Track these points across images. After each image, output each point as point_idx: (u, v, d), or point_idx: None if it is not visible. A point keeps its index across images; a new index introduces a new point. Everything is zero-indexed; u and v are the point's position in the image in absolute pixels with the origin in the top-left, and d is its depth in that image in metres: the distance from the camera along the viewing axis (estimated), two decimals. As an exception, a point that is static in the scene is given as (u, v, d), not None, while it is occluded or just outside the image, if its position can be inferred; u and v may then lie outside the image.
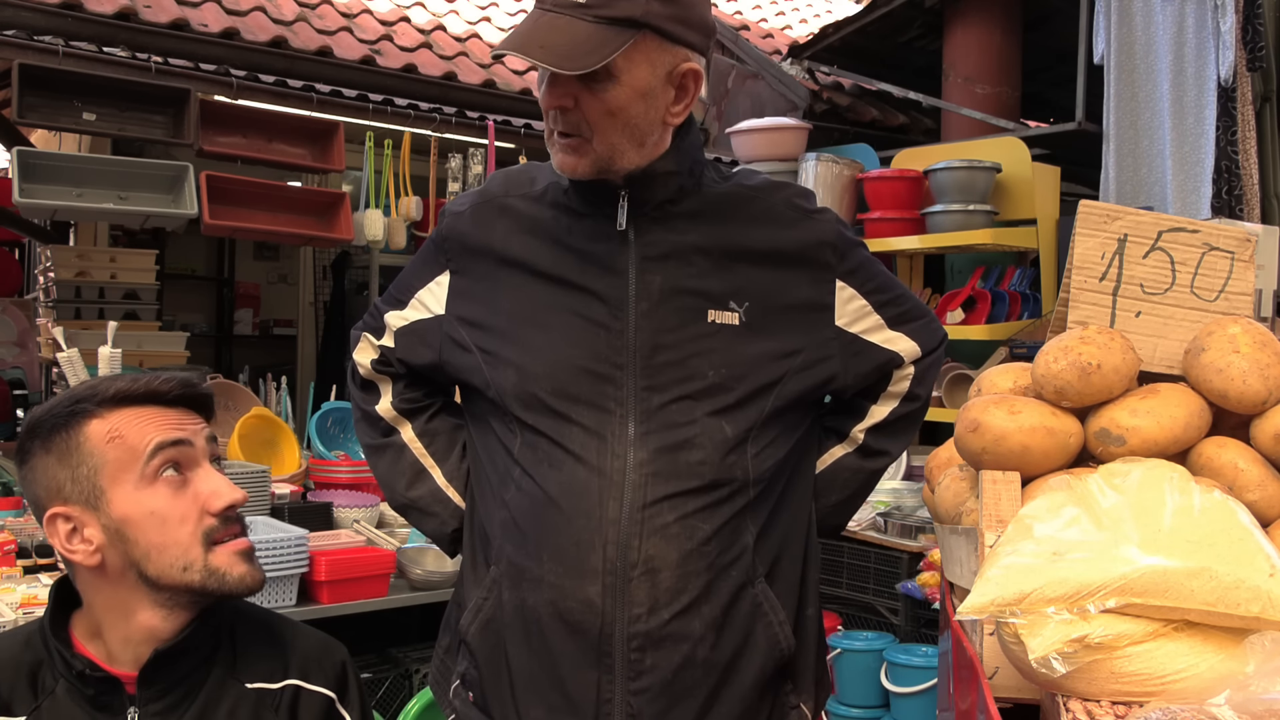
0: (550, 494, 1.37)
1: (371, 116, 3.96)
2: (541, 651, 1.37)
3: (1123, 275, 1.24)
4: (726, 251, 1.44)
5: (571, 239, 1.43)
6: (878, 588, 3.54)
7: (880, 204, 4.25)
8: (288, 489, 3.28)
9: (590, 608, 1.34)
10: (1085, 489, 1.01)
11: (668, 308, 1.40)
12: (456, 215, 1.52)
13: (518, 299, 1.44)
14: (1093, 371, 1.12)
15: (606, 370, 1.38)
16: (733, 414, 1.39)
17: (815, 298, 1.47)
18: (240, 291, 6.82)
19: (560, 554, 1.36)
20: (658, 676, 1.34)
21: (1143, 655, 0.92)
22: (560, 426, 1.38)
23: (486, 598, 1.43)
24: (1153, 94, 3.88)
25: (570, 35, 1.28)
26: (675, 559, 1.34)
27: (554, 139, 1.38)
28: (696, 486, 1.36)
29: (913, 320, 1.53)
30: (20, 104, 3.29)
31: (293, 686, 1.32)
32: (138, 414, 1.26)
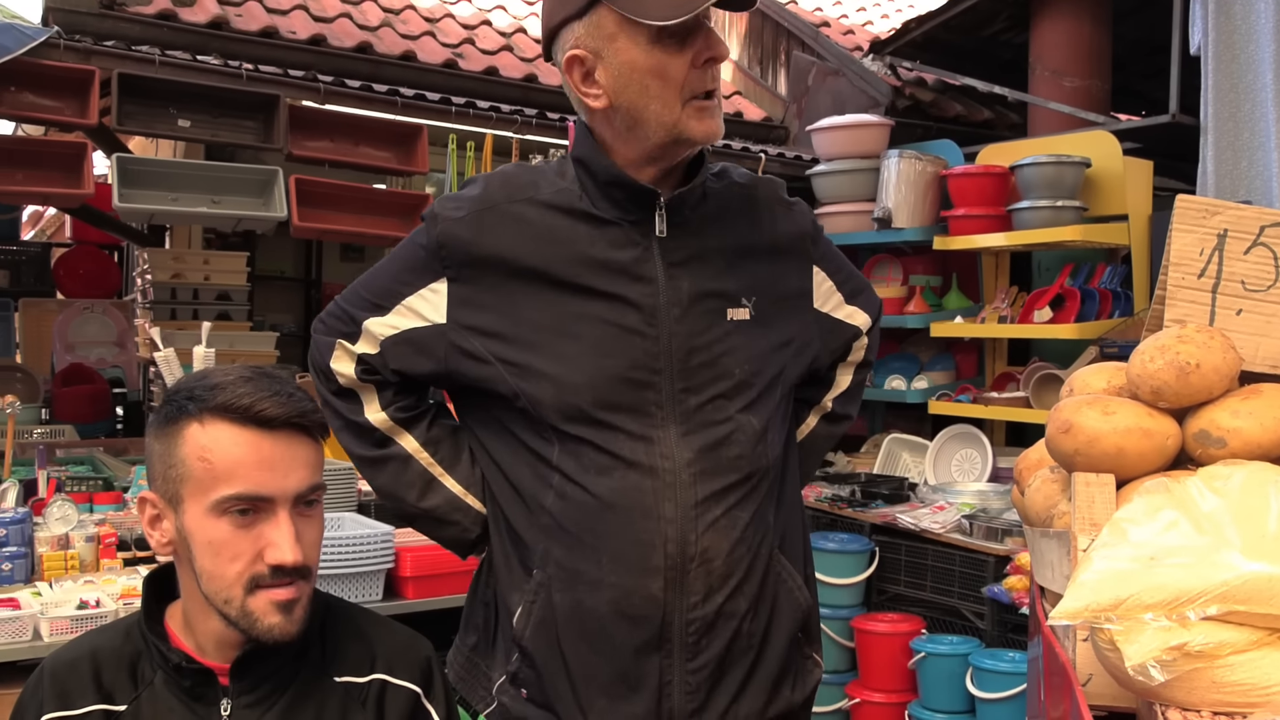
0: (604, 499, 1.41)
1: (454, 119, 4.02)
2: (601, 646, 1.43)
3: (1223, 272, 1.20)
4: (736, 250, 1.49)
5: (594, 248, 1.43)
6: (963, 591, 3.48)
7: (965, 201, 4.18)
8: (374, 486, 3.35)
9: (653, 601, 1.41)
10: (1184, 492, 0.98)
11: (696, 311, 1.44)
12: (454, 222, 1.46)
13: (541, 309, 1.43)
14: (1192, 371, 1.09)
15: (645, 376, 1.42)
16: (757, 407, 1.47)
17: (800, 285, 1.56)
18: (327, 292, 6.97)
19: (621, 555, 1.41)
20: (713, 654, 1.43)
21: (1246, 664, 0.89)
22: (605, 434, 1.41)
23: (535, 600, 1.46)
24: (1254, 85, 3.74)
25: None
26: (726, 549, 1.43)
27: (691, 106, 1.37)
28: (736, 480, 1.44)
29: (861, 292, 1.66)
30: (119, 112, 3.41)
31: (379, 681, 1.34)
32: (235, 438, 1.23)
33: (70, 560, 2.64)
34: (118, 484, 3.23)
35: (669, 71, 1.35)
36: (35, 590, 2.50)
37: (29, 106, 3.43)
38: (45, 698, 1.28)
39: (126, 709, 1.27)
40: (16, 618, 2.32)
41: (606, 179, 1.44)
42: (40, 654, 2.28)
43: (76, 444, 4.00)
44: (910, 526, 3.62)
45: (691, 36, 1.35)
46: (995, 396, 4.12)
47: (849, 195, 4.52)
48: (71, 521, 2.75)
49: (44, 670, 1.31)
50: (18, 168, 3.40)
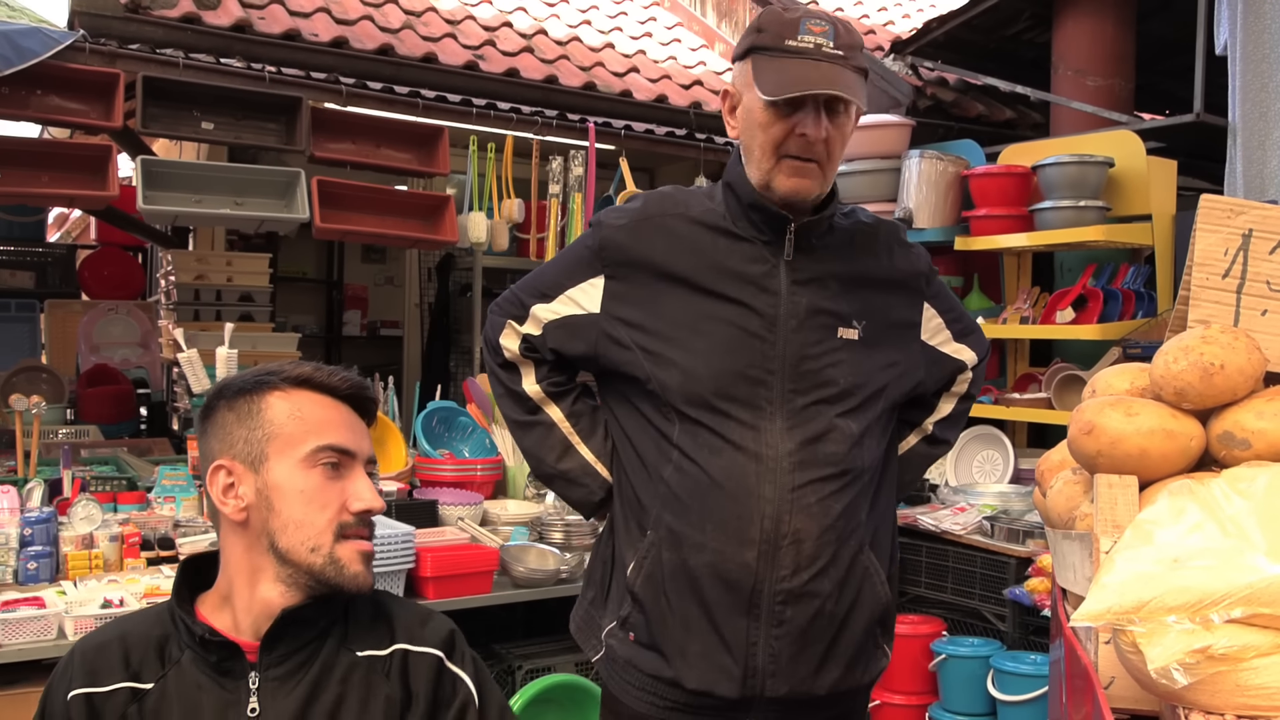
0: (713, 475, 1.62)
1: (475, 120, 4.03)
2: (701, 602, 1.64)
3: (1247, 272, 1.19)
4: (853, 278, 1.71)
5: (730, 260, 1.67)
6: (984, 593, 3.46)
7: (986, 201, 4.15)
8: (394, 486, 3.36)
9: (746, 569, 1.61)
10: (1208, 494, 0.97)
11: (810, 325, 1.66)
12: (616, 228, 1.73)
13: (678, 308, 1.67)
14: (1215, 372, 1.08)
15: (760, 375, 1.64)
16: (856, 415, 1.67)
17: (909, 318, 1.78)
18: (349, 293, 7.00)
19: (723, 525, 1.62)
20: (795, 625, 1.63)
21: (1270, 667, 0.88)
22: (720, 420, 1.63)
23: (646, 556, 1.69)
24: (1283, 84, 3.70)
25: (847, 78, 1.57)
26: (816, 532, 1.62)
27: (782, 166, 1.61)
28: (831, 474, 1.64)
29: (970, 334, 1.87)
30: (144, 115, 3.44)
31: (400, 650, 1.39)
32: (318, 401, 1.38)
33: (94, 559, 2.66)
34: (141, 484, 3.25)
35: (770, 130, 1.61)
36: (60, 589, 2.53)
37: (55, 109, 3.47)
38: (74, 675, 1.33)
39: (153, 686, 1.31)
40: (41, 616, 2.34)
41: (749, 202, 1.67)
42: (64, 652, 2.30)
43: (101, 444, 4.04)
44: (931, 528, 3.60)
45: (800, 110, 1.58)
46: (1017, 397, 4.09)
47: (870, 196, 4.50)
48: (96, 521, 2.77)
49: (74, 652, 1.37)
50: (43, 170, 3.43)
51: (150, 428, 4.63)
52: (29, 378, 4.47)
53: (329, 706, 1.32)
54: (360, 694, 1.34)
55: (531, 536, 3.26)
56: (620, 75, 5.04)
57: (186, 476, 3.07)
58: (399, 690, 1.36)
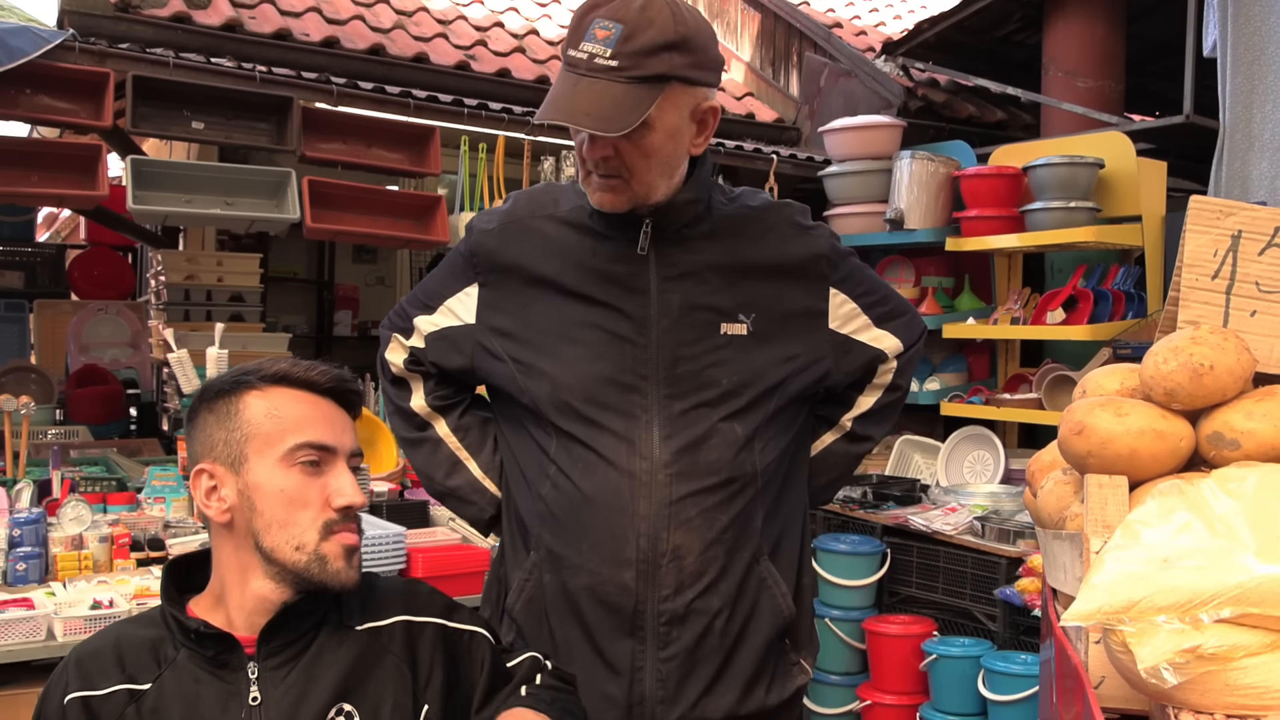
0: (586, 492, 1.55)
1: (466, 120, 4.03)
2: (582, 625, 1.57)
3: (1237, 273, 1.19)
4: (735, 268, 1.59)
5: (596, 260, 1.58)
6: (975, 593, 3.47)
7: (977, 202, 4.16)
8: (386, 487, 3.36)
9: (625, 590, 1.54)
10: (1198, 494, 0.98)
11: (686, 323, 1.56)
12: (485, 233, 1.65)
13: (547, 314, 1.59)
14: (1205, 373, 1.08)
15: (632, 381, 1.55)
16: (743, 416, 1.57)
17: (811, 305, 1.64)
18: (339, 294, 6.98)
19: (598, 546, 1.54)
20: (683, 645, 1.55)
21: (1260, 667, 0.89)
22: (592, 432, 1.55)
23: (528, 579, 1.62)
24: (1275, 86, 3.72)
25: (609, 98, 1.42)
26: (699, 547, 1.54)
27: (591, 179, 1.53)
28: (714, 483, 1.55)
29: (896, 318, 1.72)
30: (134, 114, 3.42)
31: (402, 622, 1.39)
32: (296, 398, 1.36)
33: (84, 560, 2.65)
34: (131, 484, 3.24)
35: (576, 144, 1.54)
36: (49, 590, 2.52)
37: (44, 109, 3.45)
38: (70, 680, 1.33)
39: (150, 686, 1.31)
40: (30, 618, 2.33)
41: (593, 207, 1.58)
42: (54, 654, 2.29)
43: (90, 445, 4.02)
44: (922, 528, 3.61)
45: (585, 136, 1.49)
46: (1007, 398, 4.11)
47: (861, 196, 4.51)
48: (85, 522, 2.76)
49: (69, 658, 1.36)
50: (33, 170, 3.42)
51: (140, 428, 4.62)
52: (18, 378, 4.45)
53: (334, 682, 1.32)
54: (366, 664, 1.35)
55: (523, 537, 3.25)
56: (612, 76, 5.04)
57: (176, 477, 3.06)
58: (406, 660, 1.37)
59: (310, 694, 1.31)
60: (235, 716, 1.29)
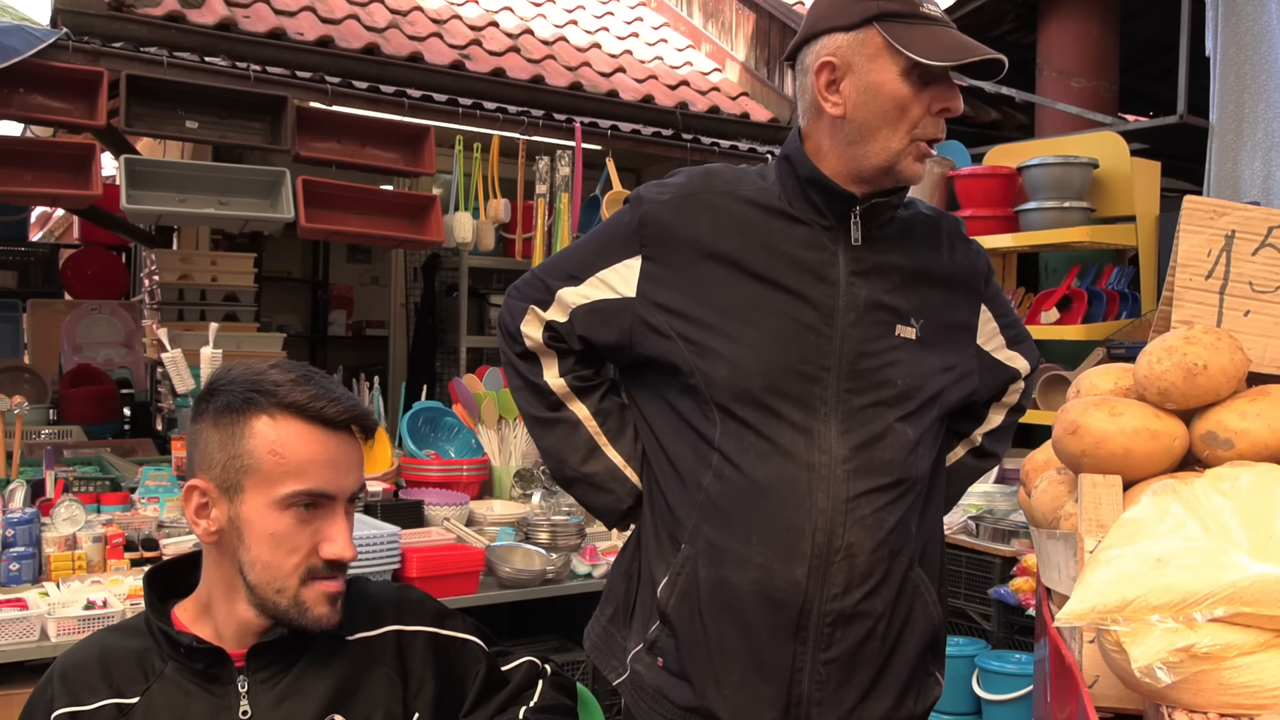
0: (760, 482, 1.47)
1: (461, 120, 4.02)
2: (741, 624, 1.49)
3: (1230, 273, 1.19)
4: (913, 272, 1.56)
5: (785, 244, 1.52)
6: (969, 593, 3.47)
7: (972, 202, 4.17)
8: (380, 487, 3.35)
9: (795, 587, 1.47)
10: (1191, 493, 0.98)
11: (869, 320, 1.52)
12: (658, 204, 1.56)
13: (725, 293, 1.51)
14: (1199, 373, 1.09)
15: (815, 372, 1.49)
16: (913, 419, 1.53)
17: (967, 319, 1.63)
18: (334, 293, 6.98)
19: (771, 538, 1.47)
20: (845, 648, 1.49)
21: (1253, 666, 0.89)
22: (769, 420, 1.48)
23: (680, 572, 1.53)
24: (1267, 85, 3.73)
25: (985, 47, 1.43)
26: (870, 546, 1.48)
27: (916, 146, 1.47)
28: (888, 483, 1.50)
29: (1023, 341, 1.73)
30: (127, 113, 3.42)
31: (393, 632, 1.38)
32: (305, 436, 1.28)
33: (77, 560, 2.64)
34: (125, 484, 3.24)
35: (909, 106, 1.45)
36: (42, 590, 2.51)
37: (37, 108, 3.44)
38: (55, 695, 1.30)
39: (138, 700, 1.29)
40: (24, 618, 2.33)
41: (807, 177, 1.52)
42: (48, 654, 2.29)
43: (84, 444, 4.01)
44: (918, 528, 3.61)
45: (937, 83, 1.45)
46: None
47: (856, 196, 4.50)
48: (79, 522, 2.75)
49: (53, 671, 1.33)
50: (26, 169, 3.41)
51: (134, 428, 4.61)
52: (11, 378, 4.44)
53: (325, 693, 1.31)
54: (357, 675, 1.34)
55: (518, 537, 3.25)
56: (606, 75, 5.04)
57: (170, 477, 3.05)
58: (397, 670, 1.36)
59: (301, 706, 1.30)
60: None
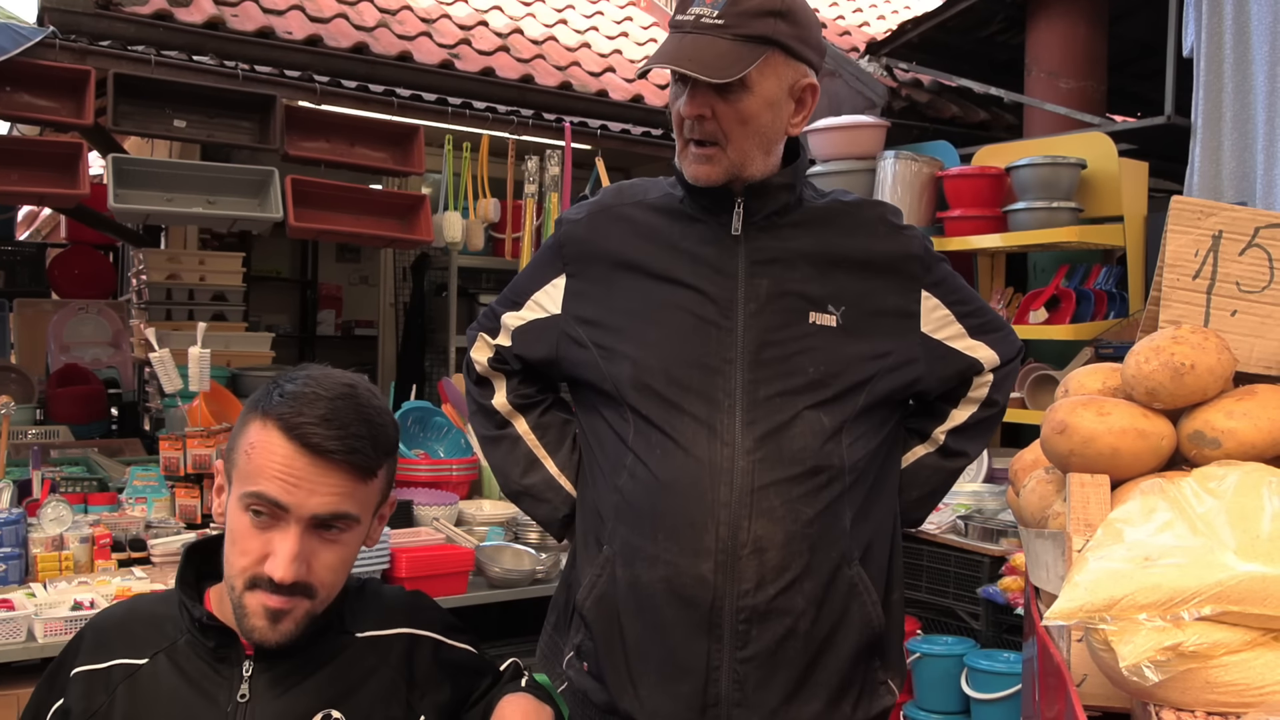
0: (664, 479, 1.49)
1: (450, 119, 4.02)
2: (654, 623, 1.49)
3: (1217, 273, 1.20)
4: (825, 259, 1.57)
5: (684, 243, 1.57)
6: (958, 592, 3.48)
7: (960, 202, 4.17)
8: (369, 487, 3.34)
9: (703, 583, 1.46)
10: (1179, 493, 0.98)
11: (773, 309, 1.53)
12: (573, 223, 1.66)
13: (632, 298, 1.57)
14: (1186, 372, 1.09)
15: (716, 364, 1.51)
16: (830, 407, 1.52)
17: (903, 305, 1.60)
18: (323, 293, 6.95)
19: (675, 534, 1.48)
20: (762, 646, 1.47)
21: (1240, 665, 0.89)
22: (673, 416, 1.51)
23: (600, 574, 1.55)
24: (1245, 85, 3.76)
25: (713, 51, 1.45)
26: (781, 539, 1.46)
27: (687, 150, 1.54)
28: (799, 472, 1.49)
29: (993, 331, 1.68)
30: (115, 112, 3.40)
31: (407, 634, 1.39)
32: (278, 444, 1.26)
33: (65, 561, 2.63)
34: (112, 485, 3.22)
35: (672, 116, 1.55)
36: (29, 591, 2.50)
37: (24, 107, 3.43)
38: (82, 649, 1.35)
39: (146, 663, 1.32)
40: (11, 619, 2.32)
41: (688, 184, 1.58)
42: (34, 655, 2.28)
43: (71, 445, 3.99)
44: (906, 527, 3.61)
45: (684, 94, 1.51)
46: (991, 397, 4.12)
47: (845, 196, 4.51)
48: (66, 522, 2.74)
49: (86, 627, 1.39)
50: (13, 168, 3.39)
51: (121, 428, 4.59)
52: (-2, 378, 4.41)
53: (325, 688, 1.32)
54: (360, 674, 1.34)
55: (507, 536, 3.25)
56: (596, 75, 5.04)
57: (158, 477, 3.04)
58: (401, 673, 1.36)
59: (298, 697, 1.31)
60: (222, 710, 1.29)
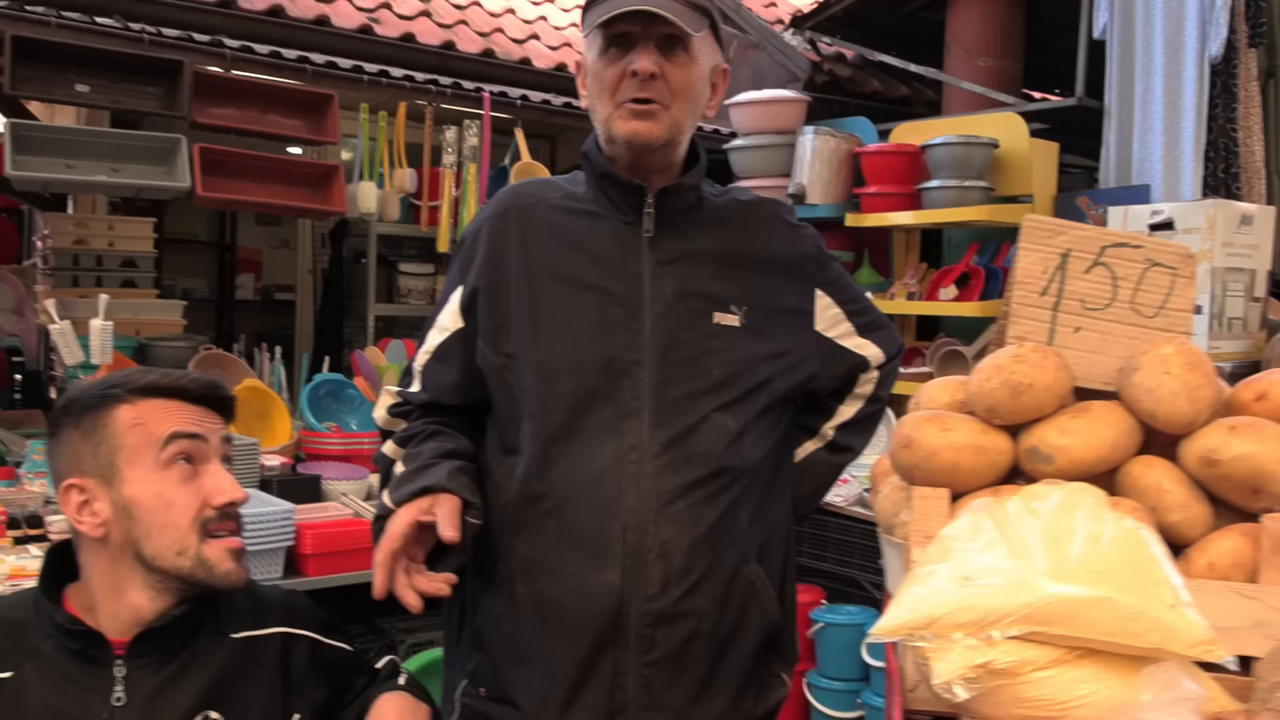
0: (568, 487, 1.46)
1: (367, 88, 3.95)
2: (558, 635, 1.47)
3: (1064, 290, 1.24)
4: (729, 258, 1.56)
5: (589, 242, 1.54)
6: (862, 562, 3.57)
7: (877, 179, 4.23)
8: (278, 461, 3.32)
9: (610, 590, 1.45)
10: (1004, 513, 1.02)
11: (680, 309, 1.51)
12: (471, 233, 1.61)
13: (535, 303, 1.52)
14: (1024, 390, 1.13)
15: (624, 366, 1.48)
16: (733, 409, 1.51)
17: (799, 304, 1.62)
18: (242, 256, 6.83)
19: (580, 543, 1.46)
20: (668, 649, 1.46)
21: (1046, 681, 0.94)
22: (579, 422, 1.47)
23: (499, 595, 1.52)
24: (1149, 68, 3.84)
25: (672, 9, 1.44)
26: (687, 542, 1.46)
27: (623, 108, 1.48)
28: (704, 475, 1.48)
29: (878, 329, 1.72)
30: (13, 76, 3.30)
31: (281, 634, 1.40)
32: (164, 406, 1.36)
33: (-43, 540, 2.59)
34: (10, 459, 3.17)
35: (605, 75, 1.49)
36: (-81, 572, 2.46)
37: (-83, 68, 3.31)
38: None
39: (11, 676, 1.30)
40: (-104, 602, 2.28)
41: (600, 172, 1.55)
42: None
43: (-28, 414, 3.91)
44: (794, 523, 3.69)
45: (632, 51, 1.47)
46: (901, 371, 4.19)
47: (765, 171, 4.54)
48: (-41, 500, 2.69)
49: None
50: (-94, 131, 3.28)
51: (25, 398, 4.49)
52: (-103, 344, 4.29)
53: (202, 688, 1.32)
54: (237, 674, 1.35)
55: (416, 512, 3.25)
56: (520, 42, 4.98)
57: (58, 453, 2.99)
58: (278, 672, 1.38)
59: (176, 699, 1.31)
60: (97, 716, 1.29)
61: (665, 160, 1.54)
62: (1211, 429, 1.10)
